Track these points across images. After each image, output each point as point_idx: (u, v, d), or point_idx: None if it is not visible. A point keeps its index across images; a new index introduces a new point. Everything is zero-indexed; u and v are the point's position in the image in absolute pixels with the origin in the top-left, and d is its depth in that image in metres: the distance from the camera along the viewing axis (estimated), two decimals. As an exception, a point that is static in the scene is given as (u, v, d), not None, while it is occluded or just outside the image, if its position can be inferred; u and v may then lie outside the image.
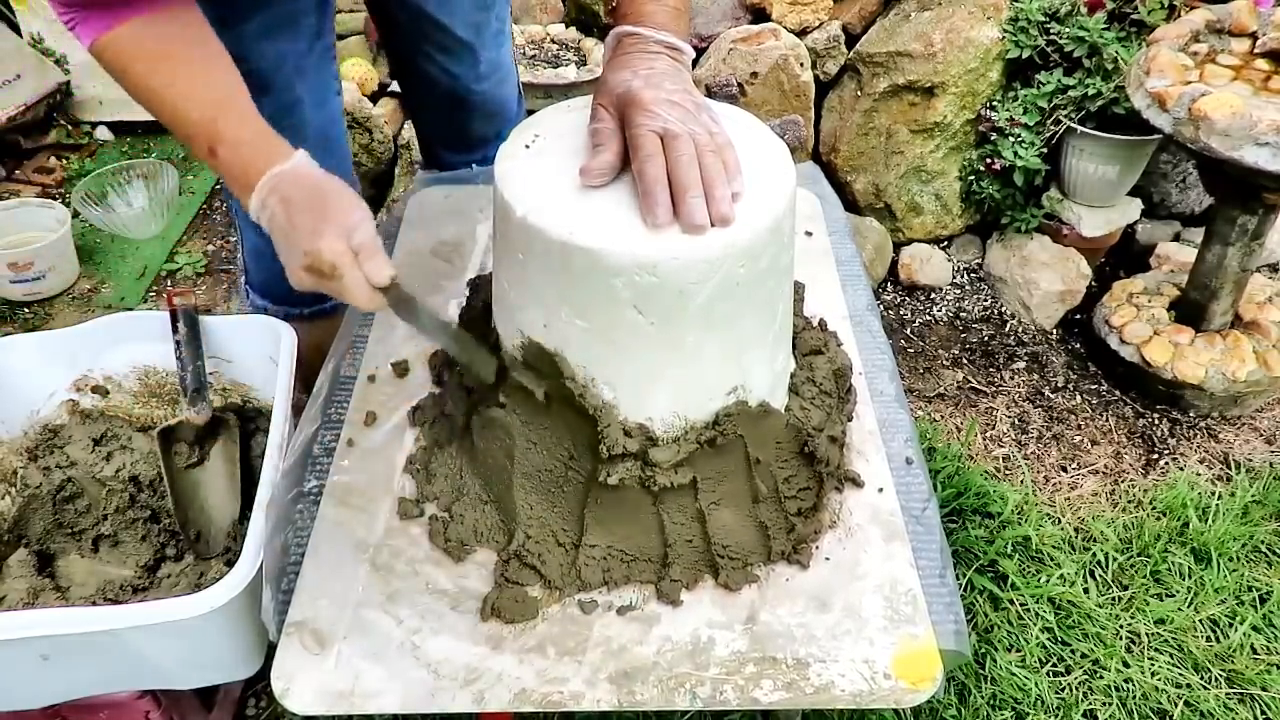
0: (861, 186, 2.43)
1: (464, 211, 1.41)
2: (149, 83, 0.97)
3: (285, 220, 0.93)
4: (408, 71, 1.55)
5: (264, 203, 0.95)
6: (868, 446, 1.08)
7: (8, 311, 2.27)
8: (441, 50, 1.47)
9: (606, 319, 0.85)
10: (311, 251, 0.90)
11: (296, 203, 0.93)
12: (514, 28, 2.46)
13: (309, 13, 1.25)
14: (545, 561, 0.95)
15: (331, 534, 0.98)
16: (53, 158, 2.75)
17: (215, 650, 1.00)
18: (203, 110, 0.97)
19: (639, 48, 0.93)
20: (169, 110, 0.98)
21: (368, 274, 0.90)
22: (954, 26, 2.22)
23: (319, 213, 0.91)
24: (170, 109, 0.98)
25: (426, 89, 1.54)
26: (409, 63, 1.52)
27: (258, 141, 0.98)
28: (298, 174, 0.96)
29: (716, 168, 0.84)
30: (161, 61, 0.97)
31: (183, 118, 0.98)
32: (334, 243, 0.89)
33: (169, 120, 0.99)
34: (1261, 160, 1.67)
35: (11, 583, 1.15)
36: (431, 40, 1.45)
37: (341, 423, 1.11)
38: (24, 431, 1.27)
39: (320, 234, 0.90)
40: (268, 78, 1.22)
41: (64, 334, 1.26)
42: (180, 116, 0.98)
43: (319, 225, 0.90)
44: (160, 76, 0.97)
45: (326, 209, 0.92)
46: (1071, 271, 2.32)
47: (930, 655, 0.89)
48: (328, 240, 0.89)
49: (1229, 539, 1.77)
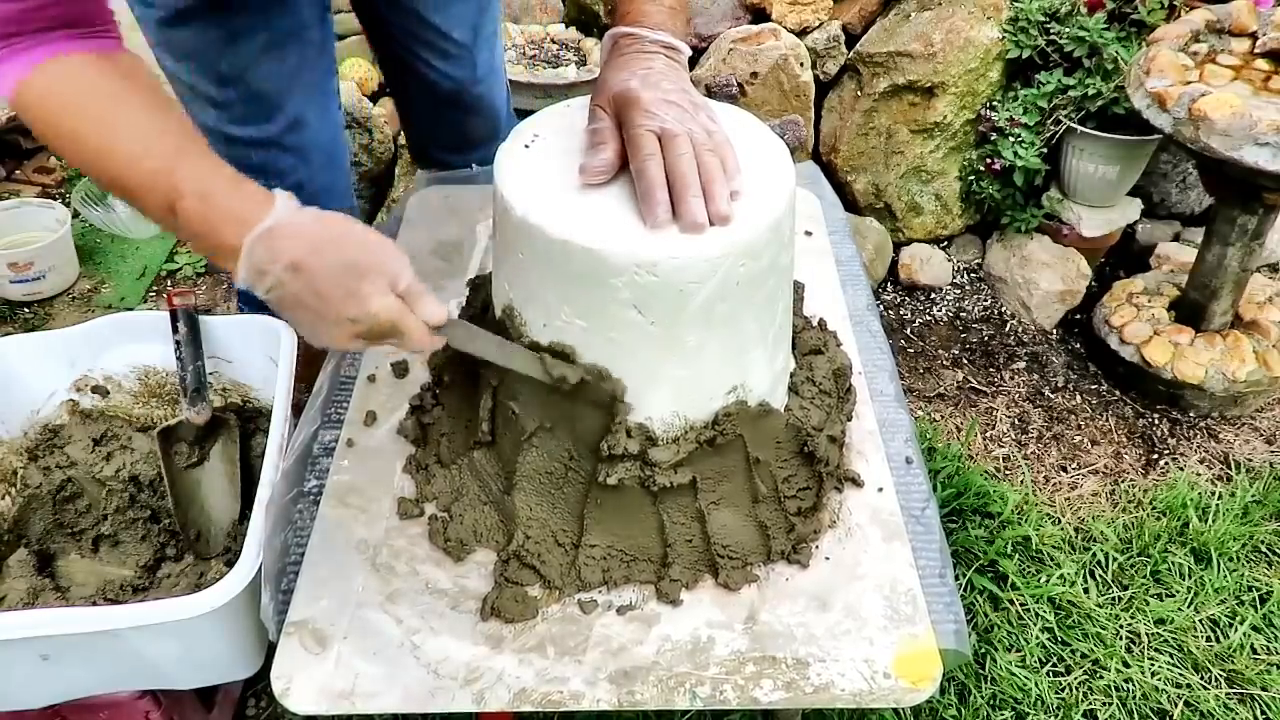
0: (861, 186, 2.43)
1: (464, 211, 1.41)
2: (80, 127, 0.82)
3: (307, 290, 0.80)
4: (403, 76, 1.53)
5: (262, 271, 0.80)
6: (868, 446, 1.08)
7: (8, 311, 2.27)
8: (440, 55, 1.46)
9: (606, 319, 0.85)
10: (363, 317, 0.81)
11: (316, 269, 0.80)
12: (514, 28, 2.47)
13: (312, 25, 1.25)
14: (545, 561, 0.95)
15: (331, 534, 0.98)
16: (53, 158, 2.75)
17: (215, 650, 1.00)
18: (156, 159, 0.81)
19: (636, 48, 0.93)
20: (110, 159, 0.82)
21: (425, 318, 0.84)
22: (954, 26, 2.22)
23: (351, 271, 0.80)
24: (110, 158, 0.82)
25: (424, 93, 1.53)
26: (405, 68, 1.50)
27: (229, 191, 0.82)
28: (296, 229, 0.81)
29: (715, 167, 0.84)
30: (99, 104, 0.82)
31: (131, 168, 0.82)
32: (385, 299, 0.81)
33: (111, 172, 0.83)
34: (1261, 160, 1.67)
35: (11, 583, 1.15)
36: (429, 44, 1.44)
37: (341, 423, 1.11)
38: (24, 431, 1.27)
39: (365, 295, 0.80)
40: (274, 98, 1.22)
41: (64, 334, 1.26)
42: (126, 166, 0.82)
43: (357, 285, 0.80)
44: (97, 122, 0.82)
45: (358, 264, 0.81)
46: (1071, 271, 2.32)
47: (930, 655, 0.89)
48: (378, 300, 0.81)
49: (1229, 539, 1.77)
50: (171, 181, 0.80)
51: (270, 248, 0.79)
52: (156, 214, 0.83)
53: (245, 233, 0.79)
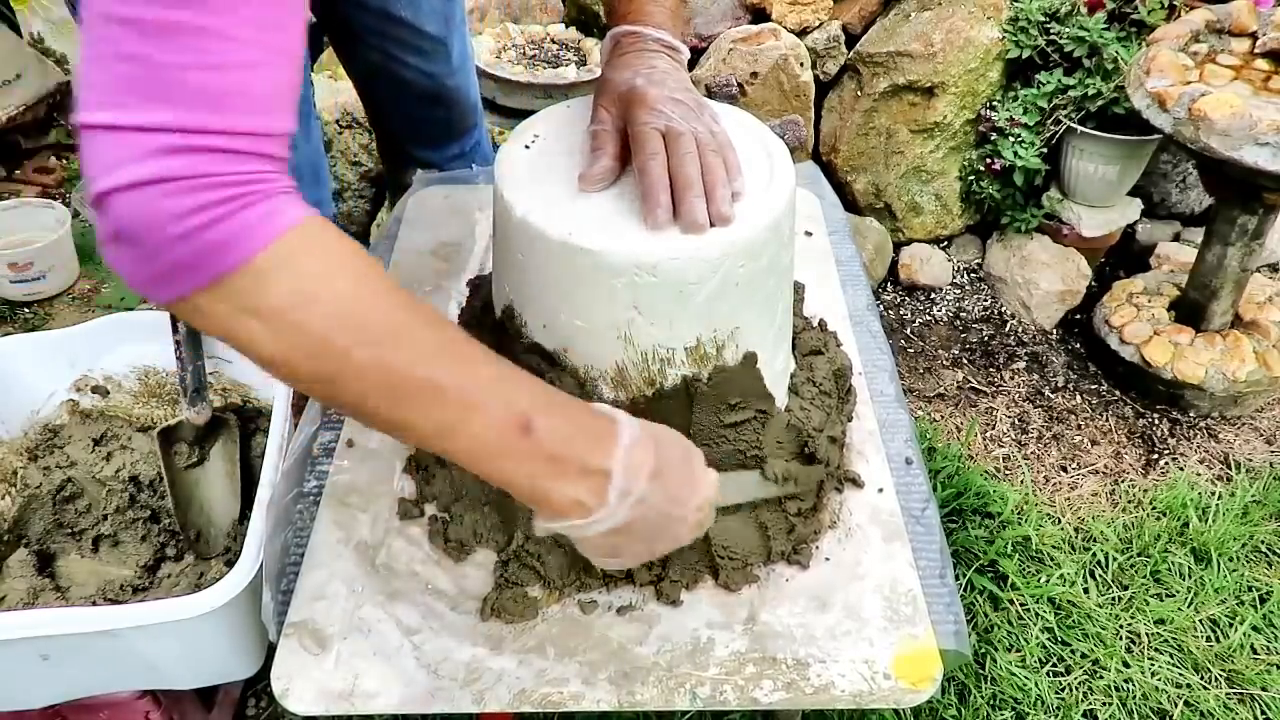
0: (861, 186, 2.43)
1: (464, 211, 1.41)
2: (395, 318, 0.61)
3: (664, 497, 0.72)
4: (375, 80, 1.50)
5: (626, 491, 0.69)
6: (868, 446, 1.08)
7: (8, 311, 2.27)
8: (414, 51, 1.44)
9: (607, 319, 0.84)
10: (704, 503, 0.76)
11: (666, 470, 0.72)
12: (514, 28, 2.47)
13: None
14: (545, 561, 0.94)
15: (331, 534, 0.98)
16: (53, 158, 2.75)
17: (215, 650, 1.00)
18: (491, 364, 0.66)
19: (639, 46, 0.93)
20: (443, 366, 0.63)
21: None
22: (954, 26, 2.22)
23: (686, 458, 0.75)
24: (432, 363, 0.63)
25: (400, 93, 1.50)
26: (377, 70, 1.47)
27: (576, 403, 0.71)
28: (636, 433, 0.72)
29: (718, 167, 0.84)
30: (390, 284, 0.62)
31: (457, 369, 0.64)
32: (707, 472, 0.78)
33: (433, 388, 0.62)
34: (1261, 160, 1.67)
35: (11, 583, 1.15)
36: (402, 42, 1.42)
37: (341, 423, 1.11)
38: (24, 431, 1.27)
39: (698, 476, 0.76)
40: None
41: (64, 334, 1.26)
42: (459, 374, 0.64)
43: (692, 469, 0.75)
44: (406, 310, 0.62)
45: (686, 446, 0.76)
46: (1071, 271, 2.32)
47: (930, 655, 0.89)
48: (708, 476, 0.77)
49: (1229, 539, 1.77)
50: (517, 394, 0.66)
51: (629, 464, 0.69)
52: (483, 431, 0.64)
53: (613, 451, 0.69)
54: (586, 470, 0.68)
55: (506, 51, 2.38)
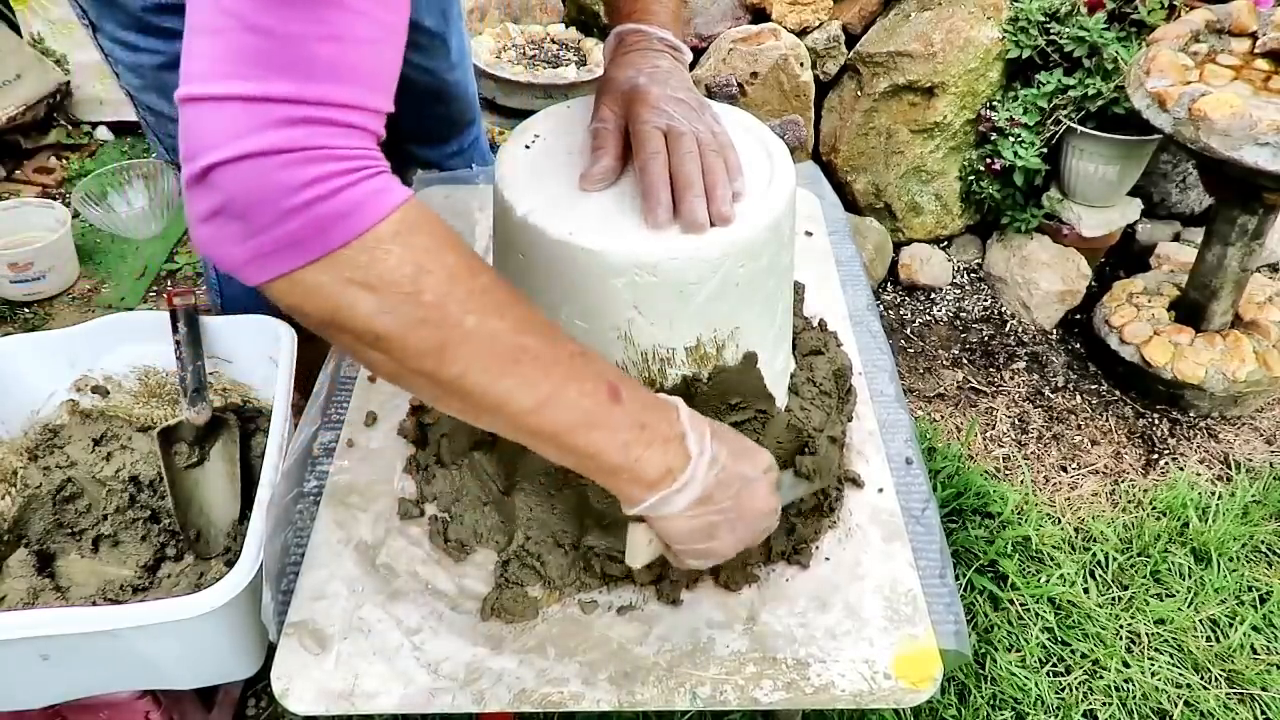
0: (861, 186, 2.43)
1: (464, 211, 1.41)
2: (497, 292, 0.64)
3: (731, 459, 0.75)
4: None
5: (701, 451, 0.73)
6: (868, 447, 1.08)
7: (8, 311, 2.27)
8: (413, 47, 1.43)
9: (607, 319, 0.85)
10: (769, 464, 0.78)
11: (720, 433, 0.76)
12: (514, 28, 2.47)
13: None
14: (545, 561, 0.95)
15: (331, 534, 0.98)
16: (53, 158, 2.75)
17: (215, 650, 1.00)
18: (568, 339, 0.68)
19: (642, 45, 0.94)
20: (536, 337, 0.65)
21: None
22: (954, 26, 2.22)
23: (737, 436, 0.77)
24: (532, 333, 0.65)
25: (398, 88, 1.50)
26: None
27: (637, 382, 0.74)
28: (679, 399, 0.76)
29: (719, 167, 0.84)
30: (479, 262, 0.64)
31: (559, 347, 0.66)
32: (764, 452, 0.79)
33: (533, 356, 0.64)
34: (1261, 160, 1.67)
35: (11, 583, 1.15)
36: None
37: (341, 423, 1.11)
38: (24, 431, 1.27)
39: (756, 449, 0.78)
40: None
41: (64, 334, 1.26)
42: (554, 345, 0.66)
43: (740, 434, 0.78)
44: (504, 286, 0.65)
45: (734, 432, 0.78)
46: (1071, 271, 2.32)
47: (930, 655, 0.89)
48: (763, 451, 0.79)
49: (1229, 539, 1.77)
50: (600, 364, 0.68)
51: (695, 428, 0.73)
52: (579, 399, 0.66)
53: (679, 416, 0.72)
54: (668, 436, 0.70)
55: (506, 51, 2.38)
